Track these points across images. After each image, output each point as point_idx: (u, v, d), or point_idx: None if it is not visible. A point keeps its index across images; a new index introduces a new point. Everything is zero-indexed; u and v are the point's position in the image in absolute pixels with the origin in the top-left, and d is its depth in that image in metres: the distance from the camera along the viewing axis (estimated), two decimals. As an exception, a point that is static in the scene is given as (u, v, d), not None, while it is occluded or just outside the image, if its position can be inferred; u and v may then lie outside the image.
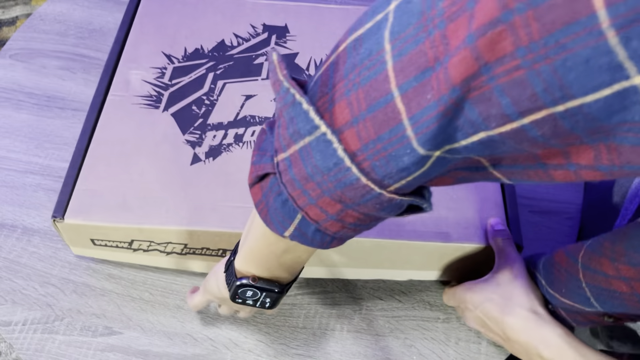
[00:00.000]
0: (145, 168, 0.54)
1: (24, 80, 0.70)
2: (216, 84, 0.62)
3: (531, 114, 0.20)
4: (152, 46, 0.64)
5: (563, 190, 0.65)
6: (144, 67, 0.62)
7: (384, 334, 0.55)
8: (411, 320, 0.56)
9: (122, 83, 0.61)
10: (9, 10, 1.56)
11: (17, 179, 0.62)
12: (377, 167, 0.25)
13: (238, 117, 0.59)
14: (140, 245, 0.53)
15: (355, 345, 0.54)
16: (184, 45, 0.65)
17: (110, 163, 0.54)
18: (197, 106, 0.60)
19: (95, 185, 0.53)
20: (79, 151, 0.55)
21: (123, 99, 0.59)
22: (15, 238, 0.58)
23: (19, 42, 0.74)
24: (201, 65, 0.64)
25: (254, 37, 0.67)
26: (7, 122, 0.66)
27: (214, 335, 0.54)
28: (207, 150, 0.56)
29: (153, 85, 0.61)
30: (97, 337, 0.53)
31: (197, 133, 0.58)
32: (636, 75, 0.17)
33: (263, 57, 0.65)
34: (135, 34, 0.65)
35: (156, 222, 0.51)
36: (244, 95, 0.61)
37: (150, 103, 0.60)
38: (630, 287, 0.40)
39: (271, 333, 0.55)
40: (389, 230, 0.53)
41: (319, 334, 0.55)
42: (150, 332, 0.54)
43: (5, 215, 0.60)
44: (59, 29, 0.75)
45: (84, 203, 0.51)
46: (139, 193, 0.53)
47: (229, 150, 0.57)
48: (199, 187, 0.54)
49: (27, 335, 0.53)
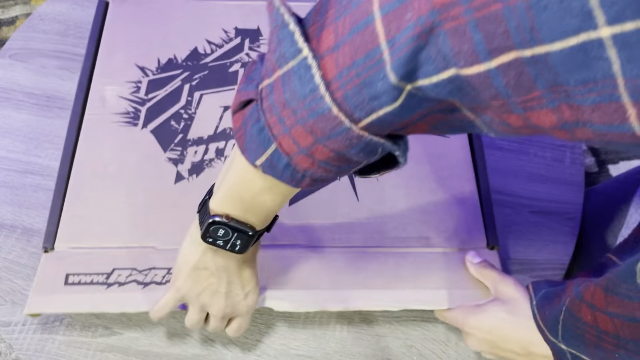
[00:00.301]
0: (131, 189, 0.54)
1: (24, 80, 0.70)
2: (193, 96, 0.62)
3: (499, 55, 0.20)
4: (124, 58, 0.64)
5: (563, 191, 0.65)
6: (118, 81, 0.62)
7: (384, 334, 0.55)
8: (411, 321, 0.56)
9: (98, 100, 0.60)
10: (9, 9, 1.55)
11: (17, 179, 0.62)
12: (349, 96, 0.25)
13: (218, 131, 0.59)
14: (119, 276, 0.50)
15: (355, 346, 0.54)
16: (157, 56, 0.64)
17: (95, 186, 0.54)
18: (176, 121, 0.60)
19: (82, 211, 0.53)
20: (61, 177, 0.55)
21: (101, 118, 0.59)
22: (15, 238, 0.58)
23: (18, 41, 0.73)
24: (176, 77, 0.63)
25: (227, 43, 0.66)
26: (6, 122, 0.66)
27: (214, 336, 0.54)
28: (189, 167, 0.56)
29: (129, 101, 0.61)
30: (97, 338, 0.53)
31: (178, 150, 0.58)
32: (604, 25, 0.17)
33: (238, 64, 0.65)
34: (106, 46, 0.64)
35: (146, 244, 0.51)
36: (222, 107, 0.61)
37: (129, 120, 0.59)
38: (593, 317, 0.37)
39: (271, 333, 0.55)
40: (372, 238, 0.54)
41: (319, 334, 0.55)
42: (150, 333, 0.54)
43: (5, 216, 0.60)
44: (58, 28, 0.75)
45: (72, 230, 0.51)
46: (127, 216, 0.53)
47: (211, 166, 0.57)
48: (184, 206, 0.53)
49: (27, 336, 0.53)
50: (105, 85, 0.61)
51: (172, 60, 0.64)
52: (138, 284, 0.50)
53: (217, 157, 0.58)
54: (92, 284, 0.49)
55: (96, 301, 0.48)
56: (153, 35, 0.66)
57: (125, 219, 0.52)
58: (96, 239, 0.51)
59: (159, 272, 0.50)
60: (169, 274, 0.51)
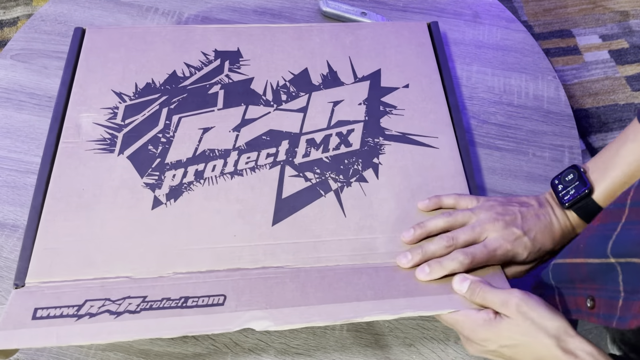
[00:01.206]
0: (106, 218, 0.52)
1: (25, 80, 0.70)
2: (171, 120, 0.60)
3: None
4: (100, 85, 0.62)
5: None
6: (94, 108, 0.60)
7: (384, 333, 0.55)
8: (411, 320, 0.56)
9: (73, 128, 0.58)
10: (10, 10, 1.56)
11: (19, 179, 0.62)
12: None
13: (197, 153, 0.58)
14: (91, 307, 0.46)
15: (355, 345, 0.55)
16: (135, 81, 0.63)
17: (68, 217, 0.52)
18: (154, 145, 0.58)
19: (54, 243, 0.51)
20: (34, 208, 0.53)
21: (76, 146, 0.57)
22: (16, 238, 0.59)
23: (20, 42, 0.74)
24: (154, 101, 0.61)
25: (206, 65, 0.65)
26: (8, 122, 0.66)
27: (215, 335, 0.54)
28: (167, 192, 0.55)
29: (105, 128, 0.59)
30: (98, 337, 0.53)
31: (156, 174, 0.56)
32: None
33: (217, 85, 0.63)
34: (82, 73, 0.63)
35: (121, 274, 0.49)
36: (201, 129, 0.59)
37: (105, 147, 0.57)
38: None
39: (271, 333, 0.55)
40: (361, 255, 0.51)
41: (319, 334, 0.55)
42: (151, 332, 0.54)
43: (7, 216, 0.60)
44: (60, 29, 0.75)
45: (44, 264, 0.49)
46: (102, 246, 0.51)
47: (190, 189, 0.55)
48: (162, 232, 0.52)
49: (29, 335, 0.53)
50: (80, 112, 0.59)
51: (150, 84, 0.62)
52: (110, 314, 0.46)
53: (196, 179, 0.55)
54: (61, 317, 0.46)
55: (63, 334, 0.45)
56: (130, 61, 0.64)
57: (99, 250, 0.50)
58: (69, 271, 0.49)
59: (134, 300, 0.47)
60: (143, 302, 0.47)
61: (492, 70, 0.75)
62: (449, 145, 0.60)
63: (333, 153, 0.59)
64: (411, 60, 0.68)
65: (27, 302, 0.47)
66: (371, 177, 0.57)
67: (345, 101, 0.63)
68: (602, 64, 1.56)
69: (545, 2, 1.70)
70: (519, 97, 0.73)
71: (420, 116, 0.63)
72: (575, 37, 1.62)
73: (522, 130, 0.70)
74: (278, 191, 0.55)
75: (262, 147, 0.59)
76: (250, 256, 0.51)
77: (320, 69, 0.66)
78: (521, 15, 1.66)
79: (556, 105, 0.73)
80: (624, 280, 0.38)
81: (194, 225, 0.53)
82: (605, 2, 1.70)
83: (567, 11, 1.68)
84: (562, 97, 0.74)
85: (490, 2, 0.84)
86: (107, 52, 0.65)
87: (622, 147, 0.49)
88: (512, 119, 0.71)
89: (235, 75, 0.64)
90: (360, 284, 0.49)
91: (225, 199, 0.55)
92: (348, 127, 0.61)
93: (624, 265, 0.39)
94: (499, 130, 0.70)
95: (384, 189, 0.56)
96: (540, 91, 0.74)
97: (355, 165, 0.58)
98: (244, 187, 0.55)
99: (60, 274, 0.49)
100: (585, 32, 1.63)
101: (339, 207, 0.55)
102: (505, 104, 0.72)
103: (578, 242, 0.46)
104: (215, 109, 0.61)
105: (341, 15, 0.78)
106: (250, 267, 0.50)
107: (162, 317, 0.46)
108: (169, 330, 0.45)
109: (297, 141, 0.59)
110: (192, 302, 0.47)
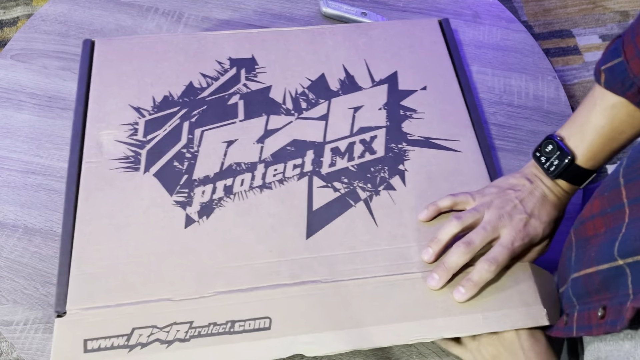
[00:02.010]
0: (139, 239, 0.52)
1: (25, 80, 0.70)
2: (194, 134, 0.59)
3: None
4: (117, 100, 0.61)
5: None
6: (113, 125, 0.59)
7: (384, 333, 0.55)
8: (411, 320, 0.56)
9: (95, 147, 0.57)
10: (10, 10, 1.56)
11: (19, 179, 0.62)
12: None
13: (223, 167, 0.57)
14: (140, 336, 0.47)
15: (355, 345, 0.55)
16: (152, 94, 0.62)
17: (101, 240, 0.52)
18: (179, 161, 0.57)
19: (91, 267, 0.50)
20: (66, 233, 0.52)
21: (99, 166, 0.56)
22: (16, 238, 0.59)
23: (20, 42, 0.74)
24: (174, 115, 0.61)
25: (222, 75, 0.64)
26: (8, 122, 0.66)
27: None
28: (198, 209, 0.54)
29: (128, 145, 0.58)
30: (98, 337, 0.53)
31: (185, 192, 0.55)
32: None
33: (236, 96, 0.63)
34: (96, 88, 0.62)
35: (162, 296, 0.49)
36: (225, 142, 0.59)
37: (129, 165, 0.57)
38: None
39: (271, 333, 0.55)
40: (396, 265, 0.51)
41: (319, 334, 0.55)
42: (151, 332, 0.54)
43: (7, 215, 0.60)
44: (60, 29, 0.75)
45: (83, 290, 0.49)
46: (138, 268, 0.50)
47: (221, 205, 0.55)
48: (198, 251, 0.52)
49: (29, 335, 0.53)
50: (100, 130, 0.59)
51: (168, 97, 0.62)
52: (161, 343, 0.47)
53: (226, 195, 0.55)
54: (112, 348, 0.46)
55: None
56: (144, 73, 0.64)
57: (136, 273, 0.50)
58: (109, 296, 0.49)
59: (181, 327, 0.47)
60: (191, 328, 0.47)
61: (492, 71, 0.75)
62: (471, 148, 0.61)
63: (359, 161, 0.59)
64: (426, 60, 0.68)
65: (75, 332, 0.47)
66: (399, 185, 0.57)
67: (366, 107, 0.63)
68: (602, 64, 1.56)
69: (545, 2, 1.70)
70: (519, 97, 0.73)
71: (440, 119, 0.63)
72: (575, 37, 1.62)
73: (522, 131, 0.70)
74: (308, 203, 0.56)
75: (287, 159, 0.59)
76: (288, 271, 0.51)
77: (337, 73, 0.66)
78: (521, 15, 1.66)
79: (556, 106, 0.73)
80: (632, 282, 0.38)
81: (229, 243, 0.52)
82: (605, 2, 1.70)
83: (567, 11, 1.68)
84: (562, 97, 0.74)
85: (490, 2, 0.84)
86: (120, 65, 0.64)
87: (592, 113, 0.51)
88: (512, 119, 0.71)
89: (252, 84, 0.64)
90: (399, 301, 0.49)
91: (257, 214, 0.54)
92: (371, 133, 0.61)
93: (632, 266, 0.38)
94: (499, 130, 0.70)
95: (412, 196, 0.56)
96: (540, 91, 0.74)
97: (381, 172, 0.58)
98: (274, 201, 0.55)
99: (101, 300, 0.48)
100: (585, 32, 1.63)
101: (370, 216, 0.55)
102: (506, 104, 0.72)
103: (590, 252, 0.45)
104: (237, 120, 0.61)
105: (341, 15, 0.78)
106: (289, 282, 0.50)
107: (212, 345, 0.46)
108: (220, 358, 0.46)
109: (322, 150, 0.59)
110: (239, 327, 0.47)
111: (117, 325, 0.47)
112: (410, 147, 0.60)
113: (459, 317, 0.48)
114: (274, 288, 0.50)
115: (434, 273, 0.50)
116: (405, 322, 0.48)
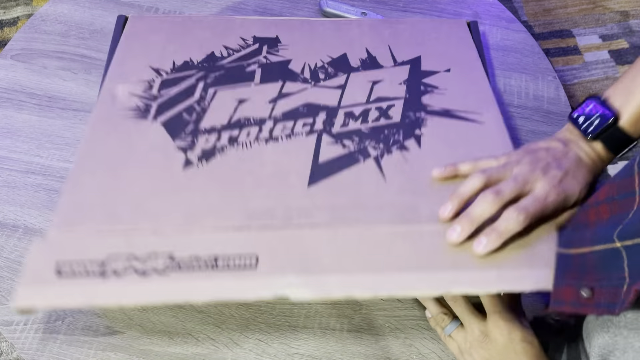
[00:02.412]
0: (134, 175, 0.51)
1: (25, 80, 0.70)
2: (207, 92, 0.60)
3: None
4: (139, 61, 0.62)
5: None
6: (130, 81, 0.60)
7: (384, 333, 0.55)
8: (411, 320, 0.56)
9: (108, 98, 0.58)
10: (10, 10, 1.56)
11: (19, 179, 0.62)
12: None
13: (232, 121, 0.57)
14: (115, 263, 0.44)
15: (355, 345, 0.55)
16: (172, 59, 0.63)
17: (96, 175, 0.51)
18: (188, 113, 0.57)
19: (79, 197, 0.49)
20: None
21: (109, 113, 0.57)
22: (16, 238, 0.59)
23: (20, 42, 0.74)
24: (191, 76, 0.62)
25: (245, 48, 0.66)
26: (8, 122, 0.66)
27: (215, 335, 0.54)
28: (199, 154, 0.54)
29: (140, 97, 0.59)
30: (99, 337, 0.54)
31: (189, 138, 0.55)
32: None
33: (255, 64, 0.63)
34: (121, 52, 0.63)
35: (144, 225, 0.47)
36: (237, 99, 0.59)
37: (138, 114, 0.57)
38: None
39: (272, 333, 0.55)
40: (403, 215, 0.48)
41: (319, 334, 0.55)
42: (151, 332, 0.54)
43: (7, 216, 0.60)
44: (60, 29, 0.75)
45: (67, 216, 0.48)
46: (127, 200, 0.49)
47: (224, 153, 0.53)
48: (191, 190, 0.50)
49: (29, 335, 0.53)
50: (117, 84, 0.60)
51: (188, 62, 0.63)
52: (138, 274, 0.43)
53: (229, 144, 0.54)
54: (86, 276, 0.43)
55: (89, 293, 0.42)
56: (170, 43, 0.65)
57: (125, 204, 0.49)
58: (92, 223, 0.47)
59: (161, 259, 0.44)
60: (170, 259, 0.44)
61: (492, 71, 0.75)
62: (495, 121, 0.58)
63: (372, 125, 0.57)
64: (452, 49, 0.67)
65: (49, 253, 0.45)
66: (413, 147, 0.55)
67: (385, 81, 0.62)
68: (602, 64, 1.56)
69: (545, 2, 1.70)
70: (519, 97, 0.73)
71: (462, 95, 0.61)
72: (575, 37, 1.62)
73: (522, 131, 0.70)
74: (314, 156, 0.54)
75: (298, 117, 0.58)
76: (284, 215, 0.48)
77: (360, 54, 0.66)
78: (521, 15, 1.66)
79: (556, 106, 0.73)
80: (629, 265, 0.36)
81: (225, 185, 0.51)
82: (605, 2, 1.70)
83: (567, 11, 1.68)
84: (562, 97, 0.74)
85: (490, 2, 0.84)
86: (148, 36, 0.66)
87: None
88: (512, 119, 0.71)
89: (273, 57, 0.65)
90: (402, 251, 0.44)
91: (259, 162, 0.53)
92: (388, 102, 0.59)
93: (630, 249, 0.37)
94: (499, 130, 0.70)
95: (427, 158, 0.53)
96: (540, 91, 0.74)
97: (396, 135, 0.56)
98: (279, 152, 0.54)
99: (82, 225, 0.47)
100: (585, 32, 1.63)
101: (379, 172, 0.52)
102: (506, 104, 0.72)
103: (585, 233, 0.43)
104: (252, 83, 0.61)
105: (341, 15, 0.78)
106: (283, 225, 0.47)
107: (191, 280, 0.42)
108: (200, 295, 0.42)
109: (335, 113, 0.58)
110: (223, 263, 0.44)
111: (93, 248, 0.45)
112: (429, 116, 0.58)
113: (471, 271, 0.43)
114: (266, 228, 0.47)
115: (455, 224, 0.44)
116: (409, 272, 0.43)
